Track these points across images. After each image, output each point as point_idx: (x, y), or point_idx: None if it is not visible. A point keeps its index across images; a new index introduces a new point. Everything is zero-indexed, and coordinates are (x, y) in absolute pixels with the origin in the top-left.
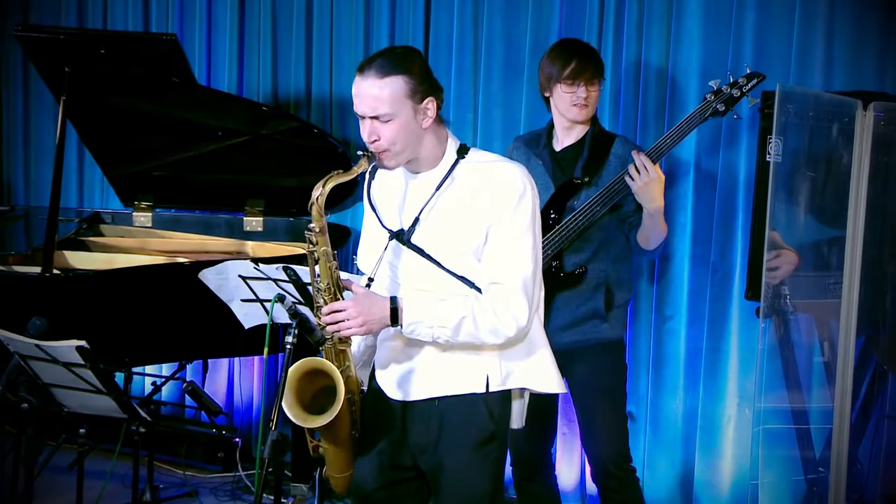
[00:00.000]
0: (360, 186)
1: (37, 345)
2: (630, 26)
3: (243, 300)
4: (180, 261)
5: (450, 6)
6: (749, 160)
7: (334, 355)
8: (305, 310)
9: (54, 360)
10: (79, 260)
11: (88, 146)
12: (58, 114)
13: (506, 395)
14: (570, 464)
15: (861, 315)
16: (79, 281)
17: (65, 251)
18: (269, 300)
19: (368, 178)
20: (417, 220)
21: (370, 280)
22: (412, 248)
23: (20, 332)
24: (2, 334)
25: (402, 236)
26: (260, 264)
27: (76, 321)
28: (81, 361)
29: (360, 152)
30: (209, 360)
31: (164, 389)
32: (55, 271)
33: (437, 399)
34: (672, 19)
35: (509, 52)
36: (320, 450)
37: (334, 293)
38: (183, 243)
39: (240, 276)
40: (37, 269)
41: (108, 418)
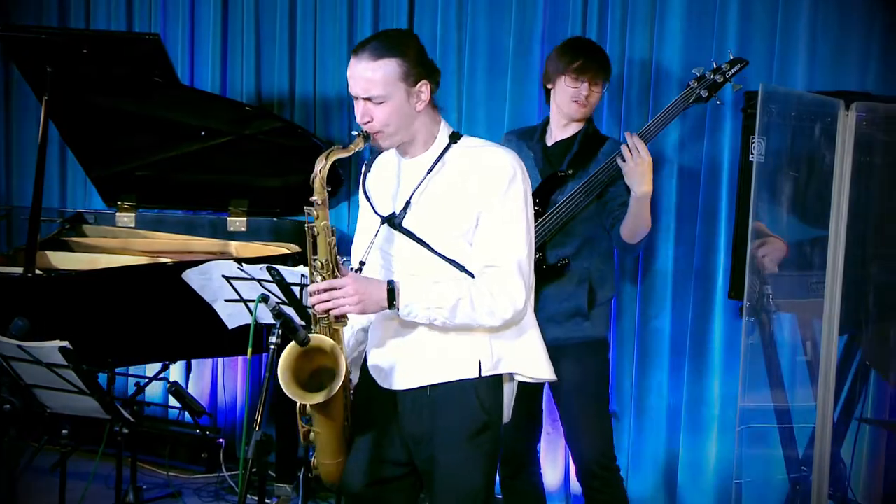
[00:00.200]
0: (343, 187)
1: (19, 345)
2: (613, 27)
3: (227, 300)
4: (163, 261)
5: (433, 7)
6: (733, 160)
7: (329, 336)
8: (289, 310)
9: (37, 361)
10: (61, 260)
11: (71, 146)
12: (40, 113)
13: (497, 383)
14: (554, 463)
15: (843, 314)
16: (61, 281)
17: (47, 251)
18: (252, 300)
19: (364, 171)
20: (409, 203)
21: (361, 264)
22: (403, 232)
23: (2, 333)
24: None
25: (394, 220)
26: (244, 264)
27: (58, 322)
28: (64, 362)
29: (354, 132)
30: (193, 361)
31: (148, 390)
32: (37, 272)
33: (428, 388)
34: (655, 20)
35: (493, 52)
36: (311, 435)
37: (331, 270)
38: (166, 243)
39: (223, 277)
40: (19, 270)
41: (92, 419)
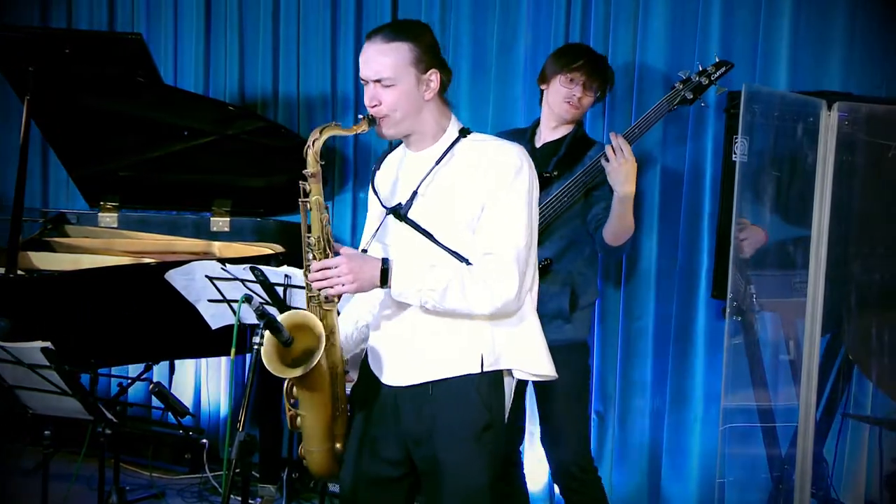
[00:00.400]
0: (330, 183)
1: (0, 346)
2: (597, 28)
3: (210, 301)
4: (147, 261)
5: (417, 7)
6: (715, 161)
7: (319, 317)
8: (273, 310)
9: (19, 362)
10: (43, 261)
11: (53, 146)
12: (21, 113)
13: (498, 381)
14: (538, 464)
15: (826, 313)
16: (43, 282)
17: (29, 252)
18: (236, 301)
19: (374, 169)
20: (415, 193)
21: (363, 252)
22: (408, 223)
23: None
24: None
25: (399, 210)
26: (227, 265)
27: (41, 322)
28: (46, 363)
29: (360, 116)
30: (176, 361)
31: (131, 390)
32: (19, 272)
33: (430, 385)
34: (638, 21)
35: (476, 53)
36: (298, 421)
37: (324, 249)
38: (149, 244)
39: (207, 277)
40: (0, 270)
41: (74, 420)
